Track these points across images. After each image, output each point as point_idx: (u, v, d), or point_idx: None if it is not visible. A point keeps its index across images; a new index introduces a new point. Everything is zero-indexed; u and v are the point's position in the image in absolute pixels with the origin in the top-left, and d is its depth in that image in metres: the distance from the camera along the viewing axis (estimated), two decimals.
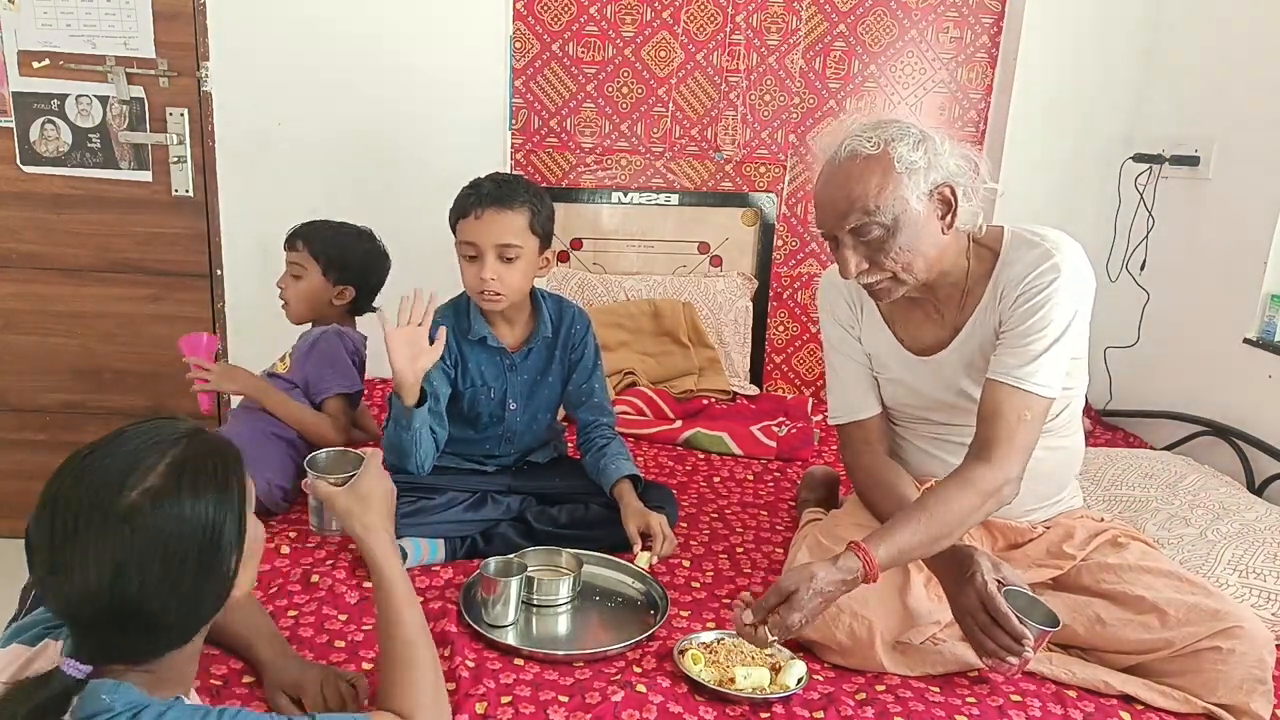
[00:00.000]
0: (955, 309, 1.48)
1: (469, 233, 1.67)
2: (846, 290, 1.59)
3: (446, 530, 1.67)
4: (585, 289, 2.76)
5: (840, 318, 1.61)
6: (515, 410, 1.81)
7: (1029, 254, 1.39)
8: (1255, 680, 1.28)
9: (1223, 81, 2.38)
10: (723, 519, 1.93)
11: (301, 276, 1.97)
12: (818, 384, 2.99)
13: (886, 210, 1.33)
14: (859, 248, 1.37)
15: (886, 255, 1.36)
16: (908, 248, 1.36)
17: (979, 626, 1.27)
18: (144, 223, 2.65)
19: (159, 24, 2.52)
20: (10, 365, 2.71)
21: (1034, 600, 1.32)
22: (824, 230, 1.42)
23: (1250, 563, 1.63)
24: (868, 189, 1.33)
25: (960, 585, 1.30)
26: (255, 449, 1.77)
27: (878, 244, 1.36)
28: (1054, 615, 1.31)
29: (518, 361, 1.79)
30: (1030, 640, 1.24)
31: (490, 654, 1.36)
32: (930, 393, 1.52)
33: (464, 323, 1.76)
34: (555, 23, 2.72)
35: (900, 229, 1.34)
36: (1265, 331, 2.19)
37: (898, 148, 1.33)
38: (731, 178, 2.86)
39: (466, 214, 1.67)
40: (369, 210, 2.20)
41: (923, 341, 1.52)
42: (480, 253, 1.66)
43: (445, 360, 1.73)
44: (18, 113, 2.54)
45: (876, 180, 1.32)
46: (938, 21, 2.75)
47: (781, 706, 1.27)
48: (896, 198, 1.32)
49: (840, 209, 1.35)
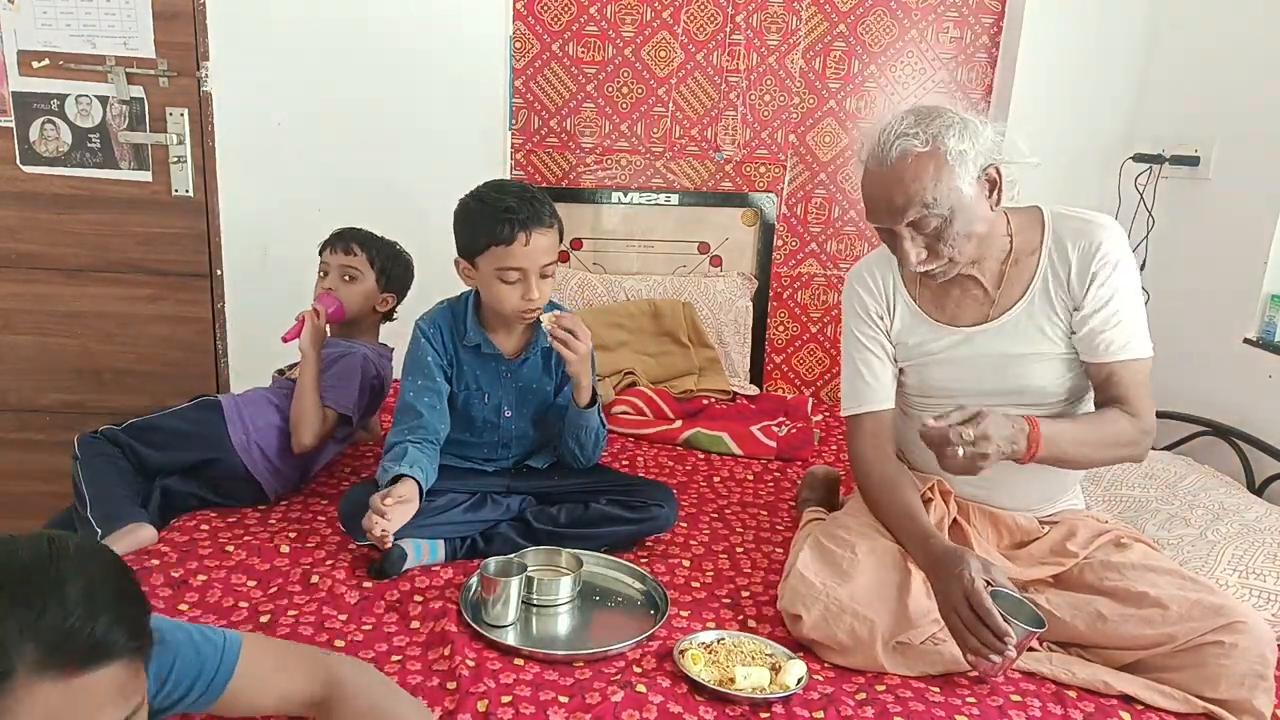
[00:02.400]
0: (997, 282, 1.53)
1: (517, 258, 1.62)
2: (877, 284, 1.63)
3: (446, 531, 1.67)
4: (585, 289, 2.76)
5: (870, 311, 1.63)
6: (510, 417, 1.81)
7: (1086, 234, 1.47)
8: (1257, 676, 1.28)
9: (1223, 81, 2.38)
10: (723, 519, 1.93)
11: (357, 280, 2.03)
12: (818, 384, 2.99)
13: (943, 202, 1.38)
14: (918, 239, 1.43)
15: (945, 242, 1.42)
16: (964, 232, 1.42)
17: (963, 622, 1.29)
18: (144, 223, 2.64)
19: (159, 24, 2.52)
20: (10, 365, 2.71)
21: (1021, 603, 1.33)
22: (880, 225, 1.46)
23: (1250, 563, 1.63)
24: (924, 185, 1.38)
25: (947, 582, 1.33)
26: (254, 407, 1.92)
27: (936, 233, 1.41)
28: (1040, 618, 1.32)
29: (514, 369, 1.79)
30: (1013, 639, 1.25)
31: (490, 654, 1.36)
32: (980, 365, 1.54)
33: (460, 328, 1.76)
34: (555, 23, 2.72)
35: (956, 216, 1.40)
36: (1265, 331, 2.19)
37: (946, 141, 1.38)
38: (731, 178, 2.86)
39: (511, 240, 1.61)
40: (369, 210, 2.20)
41: (963, 319, 1.56)
42: (526, 275, 1.64)
43: (441, 359, 1.74)
44: (18, 113, 2.54)
45: (930, 175, 1.38)
46: (938, 21, 2.75)
47: (781, 706, 1.27)
48: (951, 188, 1.38)
49: (898, 205, 1.40)
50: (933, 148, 1.38)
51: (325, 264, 2.06)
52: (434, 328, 1.75)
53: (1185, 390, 2.41)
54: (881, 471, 1.56)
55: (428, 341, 1.74)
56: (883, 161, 1.41)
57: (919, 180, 1.37)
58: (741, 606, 1.56)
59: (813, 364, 2.99)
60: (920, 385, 1.61)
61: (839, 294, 2.94)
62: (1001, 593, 1.31)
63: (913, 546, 1.45)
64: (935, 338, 1.57)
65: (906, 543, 1.47)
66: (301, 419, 1.85)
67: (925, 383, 1.60)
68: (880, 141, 1.41)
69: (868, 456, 1.59)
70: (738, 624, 1.50)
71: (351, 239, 2.05)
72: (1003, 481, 1.56)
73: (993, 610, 1.26)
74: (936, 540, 1.41)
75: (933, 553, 1.39)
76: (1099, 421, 1.45)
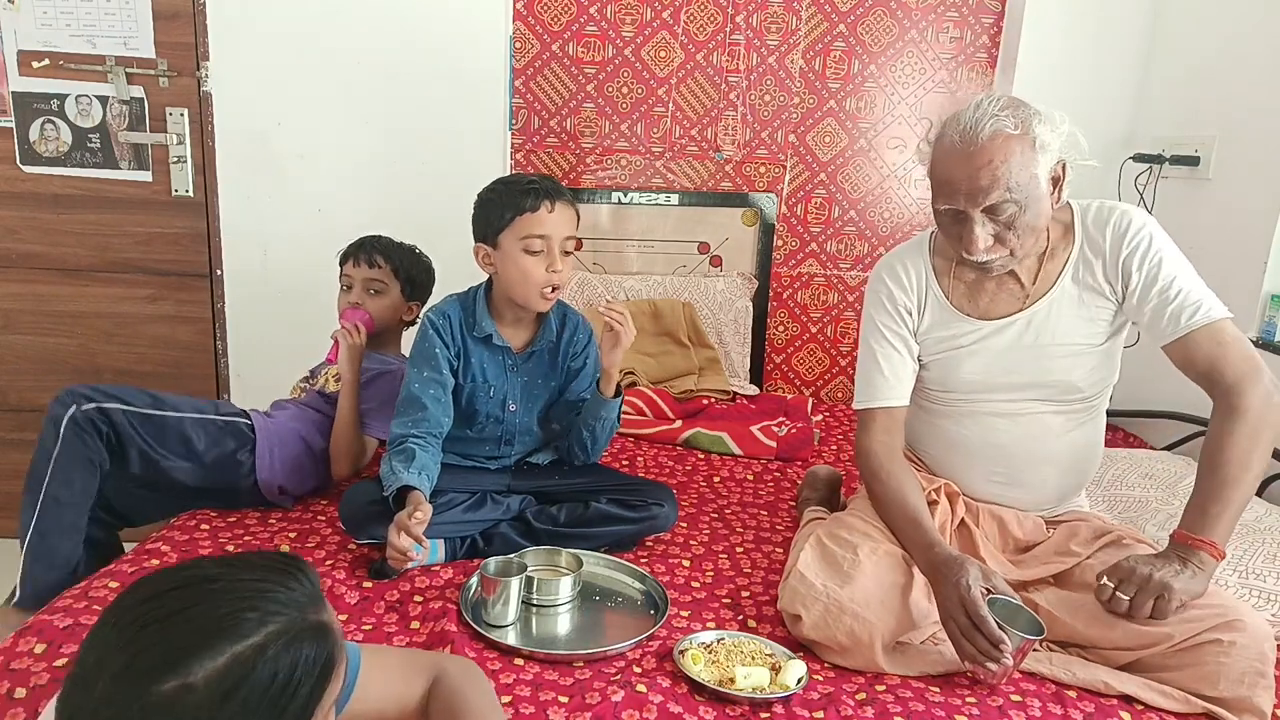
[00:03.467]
0: (1033, 276, 1.53)
1: (541, 225, 1.65)
2: (909, 276, 1.60)
3: (446, 530, 1.67)
4: (585, 289, 2.76)
5: (898, 304, 1.61)
6: (515, 411, 1.81)
7: (1113, 218, 1.48)
8: (1256, 673, 1.28)
9: (1223, 81, 2.38)
10: (723, 519, 1.93)
11: (383, 293, 1.99)
12: (818, 384, 2.99)
13: (1024, 189, 1.37)
14: (988, 224, 1.41)
15: (1014, 231, 1.41)
16: (1031, 224, 1.41)
17: (960, 630, 1.29)
18: (144, 223, 2.65)
19: (159, 24, 2.52)
20: (10, 365, 2.71)
21: (1020, 609, 1.33)
22: (952, 206, 1.42)
23: (1250, 563, 1.63)
24: (1011, 168, 1.36)
25: (946, 589, 1.33)
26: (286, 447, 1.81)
27: (1009, 221, 1.40)
28: (1039, 624, 1.32)
29: (520, 363, 1.79)
30: (1009, 647, 1.25)
31: (490, 654, 1.36)
32: (1012, 357, 1.54)
33: (470, 318, 1.76)
34: (555, 23, 2.72)
35: (1028, 206, 1.39)
36: (1265, 331, 2.19)
37: (1035, 128, 1.38)
38: (731, 178, 2.86)
39: (535, 208, 1.64)
40: (369, 210, 2.20)
41: (997, 312, 1.55)
42: (550, 246, 1.67)
43: (449, 350, 1.74)
44: (18, 113, 2.54)
45: (1018, 159, 1.36)
46: (938, 21, 2.75)
47: (781, 706, 1.27)
48: (1032, 176, 1.38)
49: (982, 186, 1.37)
50: (1023, 131, 1.37)
51: (348, 277, 2.00)
52: (443, 319, 1.76)
53: (1185, 390, 2.41)
54: (889, 470, 1.55)
55: (436, 333, 1.74)
56: (971, 140, 1.37)
57: (1008, 162, 1.36)
58: (741, 606, 1.56)
59: (813, 364, 2.99)
60: (944, 379, 1.60)
61: (839, 294, 2.94)
62: (1000, 600, 1.31)
63: (916, 552, 1.44)
64: (967, 330, 1.56)
65: (910, 547, 1.46)
66: (345, 452, 1.83)
67: (951, 376, 1.59)
68: (969, 120, 1.38)
69: (876, 453, 1.57)
70: (738, 624, 1.50)
71: (375, 250, 1.99)
72: (1024, 480, 1.57)
73: (988, 618, 1.26)
74: (939, 548, 1.40)
75: (934, 560, 1.38)
76: (1214, 463, 1.37)
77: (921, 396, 1.66)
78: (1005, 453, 1.57)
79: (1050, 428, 1.55)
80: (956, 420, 1.61)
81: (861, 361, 1.65)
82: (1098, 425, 1.61)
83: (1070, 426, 1.56)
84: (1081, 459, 1.59)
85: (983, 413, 1.58)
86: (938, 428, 1.64)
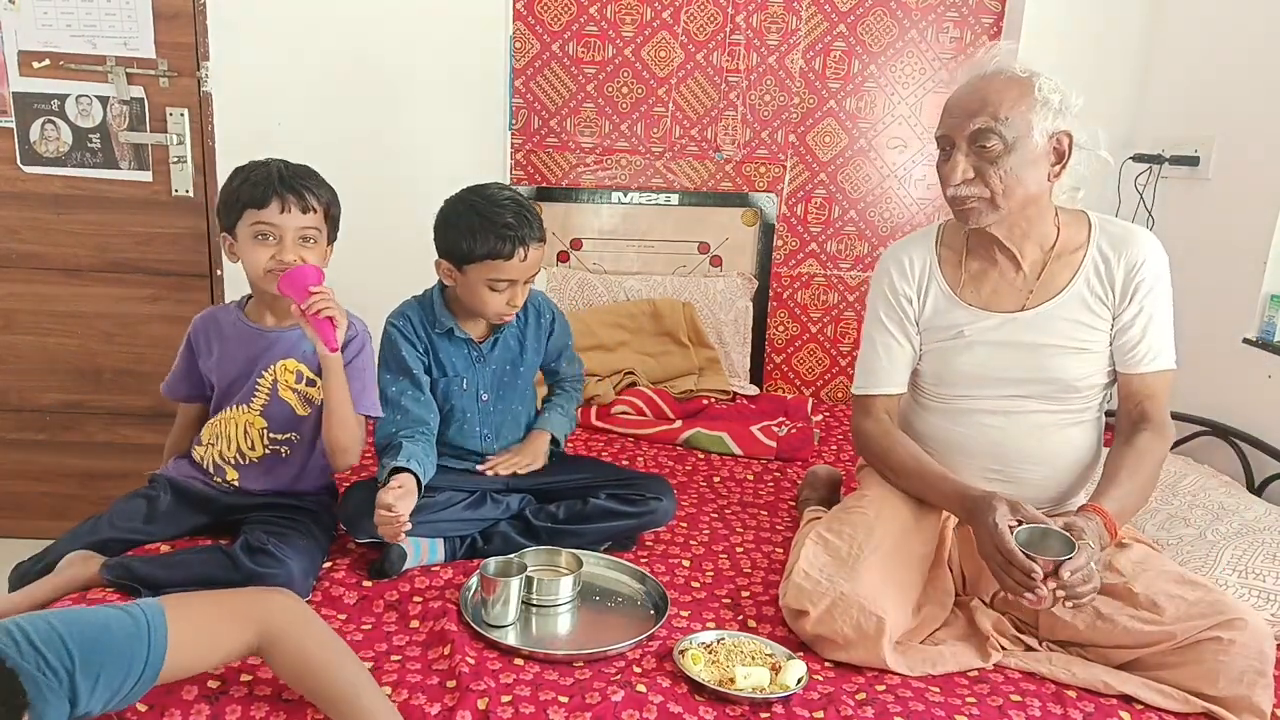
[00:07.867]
0: (1038, 271, 1.55)
1: (511, 271, 1.67)
2: (912, 265, 1.64)
3: (446, 529, 1.67)
4: (585, 289, 2.76)
5: (900, 291, 1.64)
6: (488, 401, 1.82)
7: (1131, 246, 1.52)
8: (1256, 672, 1.28)
9: (1223, 81, 2.38)
10: (723, 519, 1.93)
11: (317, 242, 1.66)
12: (818, 384, 2.99)
13: (1012, 126, 1.42)
14: (971, 156, 1.46)
15: (995, 169, 1.44)
16: (1016, 172, 1.44)
17: (998, 566, 1.33)
18: (144, 223, 2.65)
19: (159, 24, 2.52)
20: (10, 365, 2.71)
21: (1048, 532, 1.35)
22: (944, 134, 1.49)
23: (1250, 563, 1.63)
24: (1003, 99, 1.43)
25: (981, 532, 1.37)
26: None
27: (991, 157, 1.44)
28: (1070, 542, 1.32)
29: (485, 352, 1.81)
30: (1039, 573, 1.28)
31: (490, 654, 1.36)
32: (1013, 353, 1.55)
33: (430, 315, 1.79)
34: (555, 23, 2.73)
35: (1015, 150, 1.43)
36: (1265, 331, 2.19)
37: (1042, 81, 1.44)
38: (731, 178, 2.86)
39: (510, 256, 1.65)
40: (369, 210, 2.20)
41: (999, 304, 1.57)
42: (514, 284, 1.70)
43: (417, 349, 1.76)
44: (18, 113, 2.54)
45: (1014, 95, 1.43)
46: (938, 21, 2.75)
47: (781, 706, 1.27)
48: (1024, 119, 1.42)
49: (972, 109, 1.44)
50: (1027, 78, 1.44)
51: (269, 226, 1.58)
52: (404, 320, 1.77)
53: (1185, 390, 2.40)
54: (894, 439, 1.61)
55: (401, 335, 1.76)
56: (977, 74, 1.47)
57: (1001, 95, 1.42)
58: (741, 606, 1.56)
59: (813, 364, 2.99)
60: (940, 373, 1.62)
61: (839, 294, 2.94)
62: (1029, 527, 1.34)
63: (948, 504, 1.49)
64: (969, 321, 1.58)
65: (941, 502, 1.51)
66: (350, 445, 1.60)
67: (947, 370, 1.60)
68: (982, 60, 1.48)
69: (874, 432, 1.63)
70: (738, 624, 1.50)
71: (306, 188, 1.61)
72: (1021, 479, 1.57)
73: (1014, 549, 1.30)
74: (969, 491, 1.45)
75: (967, 505, 1.43)
76: (1138, 462, 1.48)
77: (917, 393, 1.67)
78: (1001, 450, 1.57)
79: (1045, 426, 1.56)
80: (952, 418, 1.62)
81: (863, 347, 1.70)
82: (1096, 425, 1.62)
83: (1066, 425, 1.57)
84: (1080, 458, 1.59)
85: (978, 410, 1.59)
86: (933, 425, 1.65)
